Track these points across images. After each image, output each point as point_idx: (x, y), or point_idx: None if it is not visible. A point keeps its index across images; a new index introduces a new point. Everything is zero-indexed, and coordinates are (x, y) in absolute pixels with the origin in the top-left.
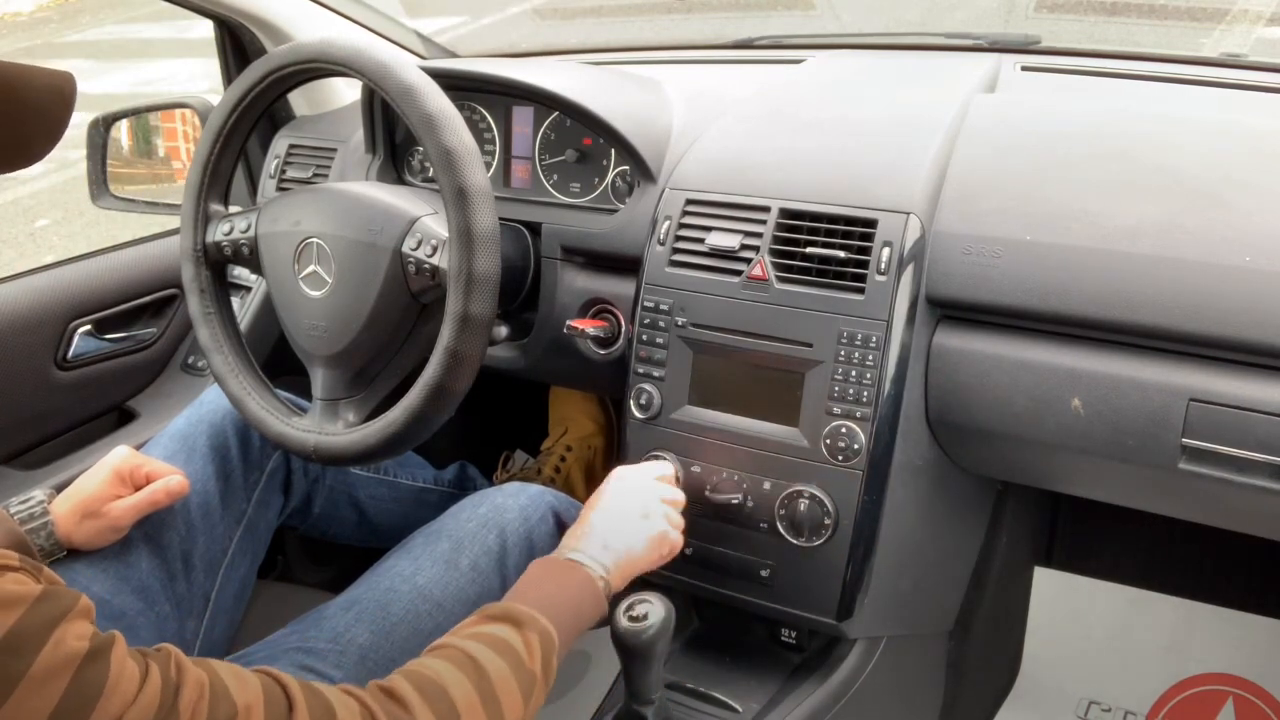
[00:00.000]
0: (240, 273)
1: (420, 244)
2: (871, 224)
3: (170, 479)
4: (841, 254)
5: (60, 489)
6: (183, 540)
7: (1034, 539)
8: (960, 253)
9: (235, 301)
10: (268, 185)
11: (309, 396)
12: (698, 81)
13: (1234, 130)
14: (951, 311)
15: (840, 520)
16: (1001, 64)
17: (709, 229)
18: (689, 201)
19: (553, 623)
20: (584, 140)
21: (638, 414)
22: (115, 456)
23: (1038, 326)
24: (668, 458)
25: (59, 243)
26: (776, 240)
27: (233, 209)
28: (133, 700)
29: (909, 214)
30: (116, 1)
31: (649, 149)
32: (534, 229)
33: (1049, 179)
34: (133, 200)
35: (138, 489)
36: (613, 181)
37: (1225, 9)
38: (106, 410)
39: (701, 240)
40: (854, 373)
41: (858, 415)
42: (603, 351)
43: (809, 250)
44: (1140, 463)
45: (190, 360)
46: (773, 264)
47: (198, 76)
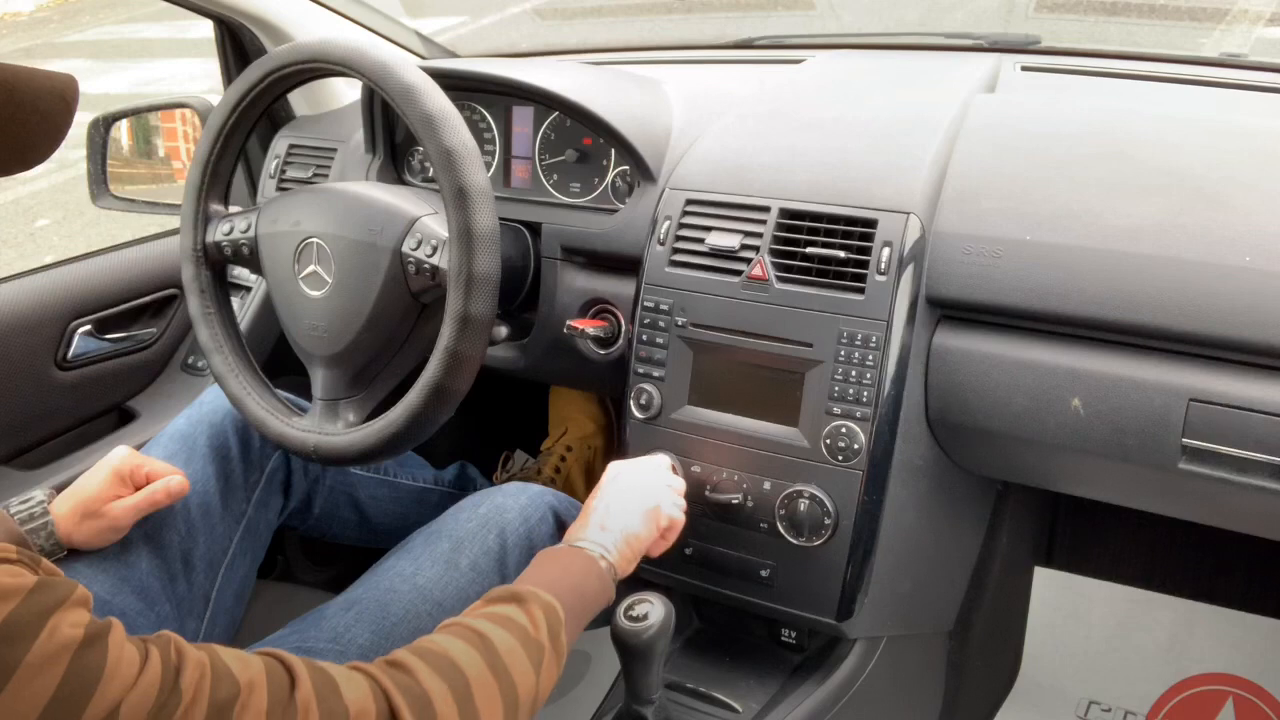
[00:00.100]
0: (240, 273)
1: (420, 244)
2: (871, 224)
3: (170, 479)
4: (841, 254)
5: (60, 489)
6: (183, 540)
7: (1034, 539)
8: (960, 253)
9: (235, 301)
10: (268, 185)
11: (309, 396)
12: (698, 81)
13: (1234, 130)
14: (951, 311)
15: (840, 520)
16: (1001, 64)
17: (709, 229)
18: (689, 201)
19: (556, 598)
20: (584, 140)
21: (638, 414)
22: (115, 456)
23: (1038, 326)
24: (666, 455)
25: (59, 243)
26: (776, 240)
27: (233, 209)
28: (133, 683)
29: (909, 214)
30: (116, 1)
31: (649, 149)
32: (534, 229)
33: (1049, 179)
34: (133, 200)
35: (138, 489)
36: (613, 181)
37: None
38: (106, 410)
39: (701, 240)
40: (854, 373)
41: (858, 415)
42: (603, 351)
43: (809, 250)
44: (1140, 463)
45: (190, 360)
46: (773, 264)
47: (198, 76)
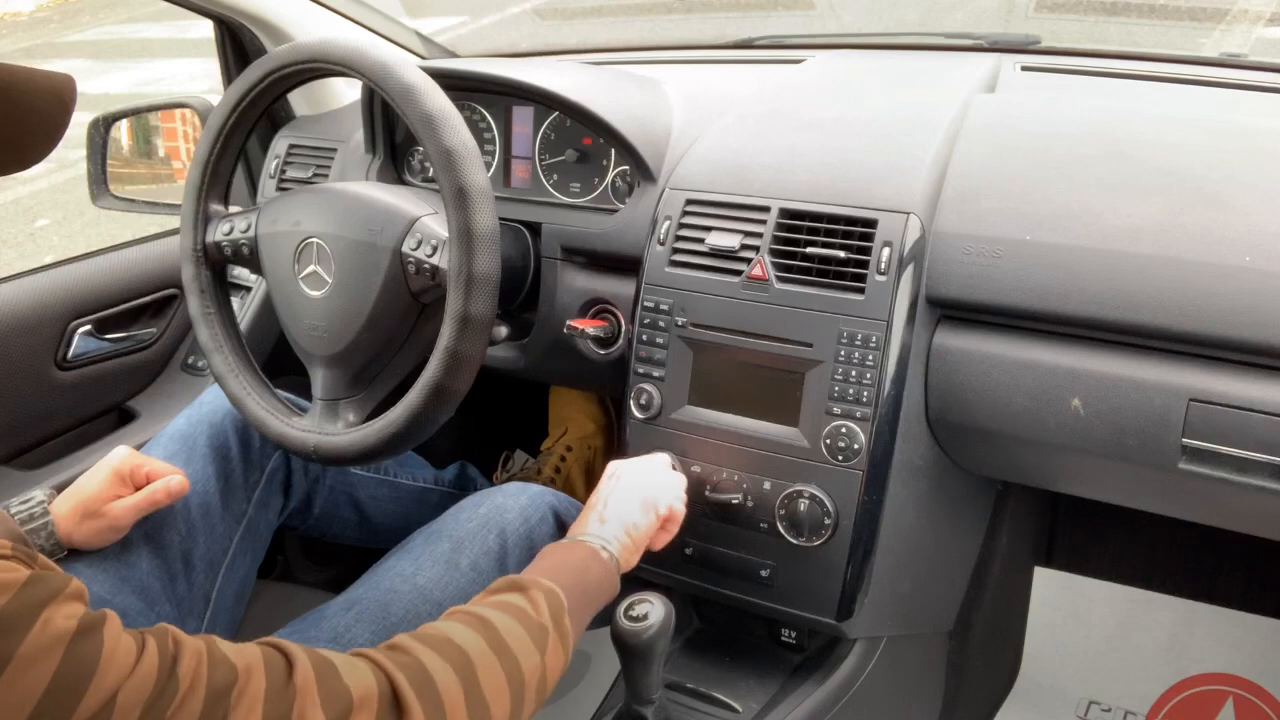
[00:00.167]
0: (240, 273)
1: (420, 244)
2: (871, 224)
3: (170, 479)
4: (841, 254)
5: (60, 489)
6: (183, 540)
7: (1034, 539)
8: (960, 253)
9: (235, 301)
10: (268, 185)
11: (309, 396)
12: (698, 81)
13: (1234, 130)
14: (951, 311)
15: (840, 520)
16: (1001, 64)
17: (709, 229)
18: (689, 201)
19: (556, 584)
20: (584, 140)
21: (638, 414)
22: (115, 456)
23: (1038, 326)
24: (666, 455)
25: (59, 243)
26: (776, 240)
27: (233, 209)
28: (130, 672)
29: (909, 214)
30: (116, 1)
31: (649, 149)
32: (534, 229)
33: (1049, 179)
34: (133, 200)
35: (138, 489)
36: (613, 181)
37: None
38: (106, 410)
39: (701, 240)
40: (854, 373)
41: (858, 415)
42: (603, 351)
43: (809, 250)
44: (1140, 463)
45: (190, 360)
46: (773, 264)
47: (198, 76)
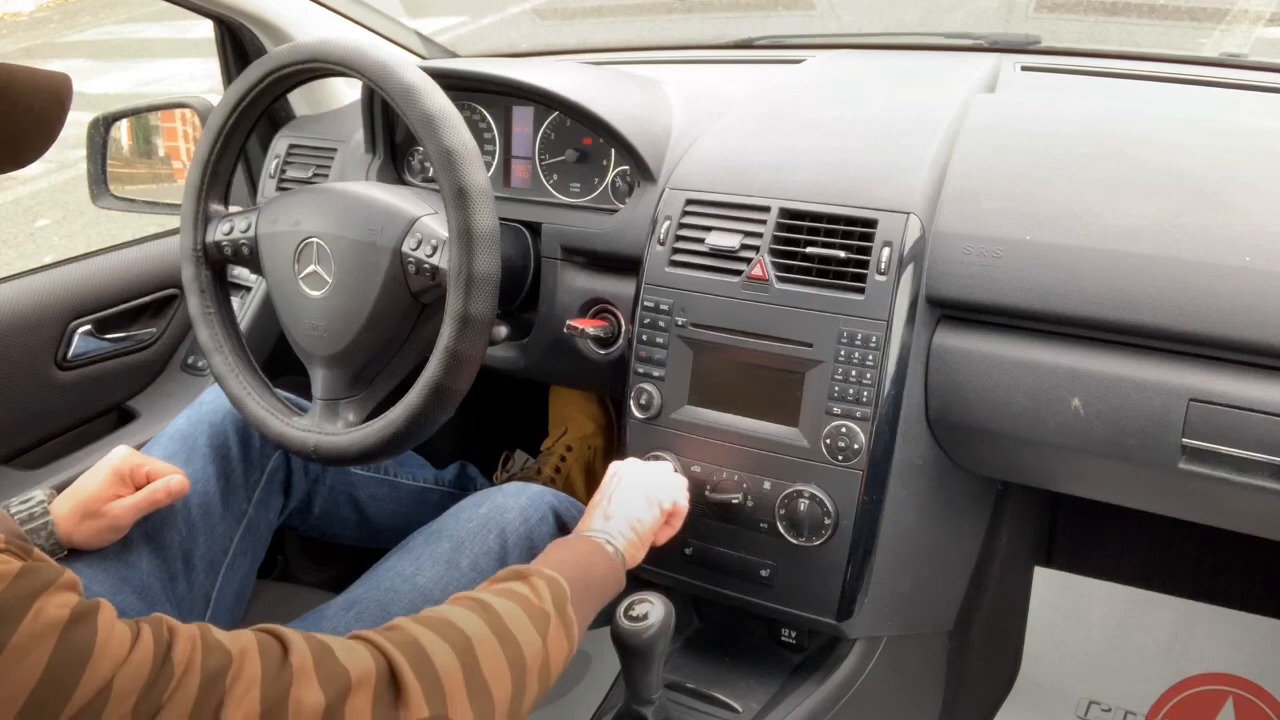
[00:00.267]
0: (240, 273)
1: (420, 244)
2: (871, 224)
3: (170, 478)
4: (841, 254)
5: (60, 489)
6: (183, 540)
7: (1034, 539)
8: (960, 253)
9: (235, 301)
10: (268, 185)
11: (309, 396)
12: (698, 81)
13: (1234, 130)
14: (951, 311)
15: (840, 520)
16: (1001, 64)
17: (709, 229)
18: (689, 201)
19: (559, 573)
20: (584, 140)
21: (638, 414)
22: (115, 456)
23: (1038, 326)
24: (667, 457)
25: (59, 243)
26: (776, 240)
27: (233, 209)
28: (124, 659)
29: (909, 214)
30: (116, 1)
31: (649, 149)
32: (534, 229)
33: (1049, 179)
34: (133, 200)
35: (138, 489)
36: (613, 181)
37: (1225, 9)
38: (106, 410)
39: (701, 240)
40: (854, 373)
41: (858, 415)
42: (603, 351)
43: (809, 250)
44: (1140, 462)
45: (190, 360)
46: (773, 264)
47: (198, 76)
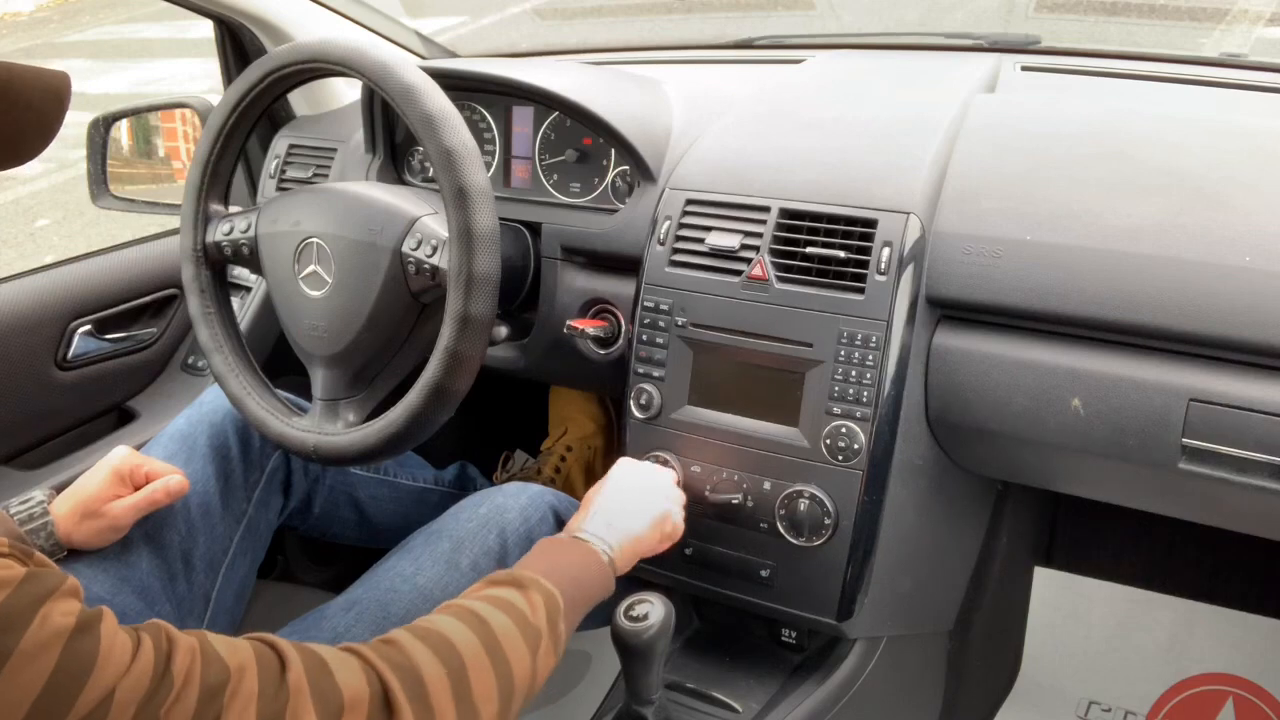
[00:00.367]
0: (240, 273)
1: (420, 244)
2: (871, 224)
3: (170, 478)
4: (841, 254)
5: (60, 489)
6: (183, 540)
7: (1034, 539)
8: (960, 253)
9: (235, 301)
10: (268, 185)
11: (309, 396)
12: (698, 81)
13: (1234, 130)
14: (951, 311)
15: (840, 520)
16: (1001, 64)
17: (709, 229)
18: (689, 201)
19: (556, 586)
20: (584, 140)
21: (638, 414)
22: (115, 456)
23: (1038, 326)
24: (668, 459)
25: (59, 243)
26: (776, 240)
27: (233, 209)
28: (126, 669)
29: (909, 214)
30: (116, 1)
31: (649, 149)
32: (534, 229)
33: (1049, 179)
34: (133, 200)
35: (138, 489)
36: (613, 181)
37: (1225, 9)
38: (106, 410)
39: (701, 240)
40: (854, 373)
41: (858, 415)
42: (603, 351)
43: (809, 250)
44: (1140, 462)
45: (190, 360)
46: (773, 264)
47: (198, 76)
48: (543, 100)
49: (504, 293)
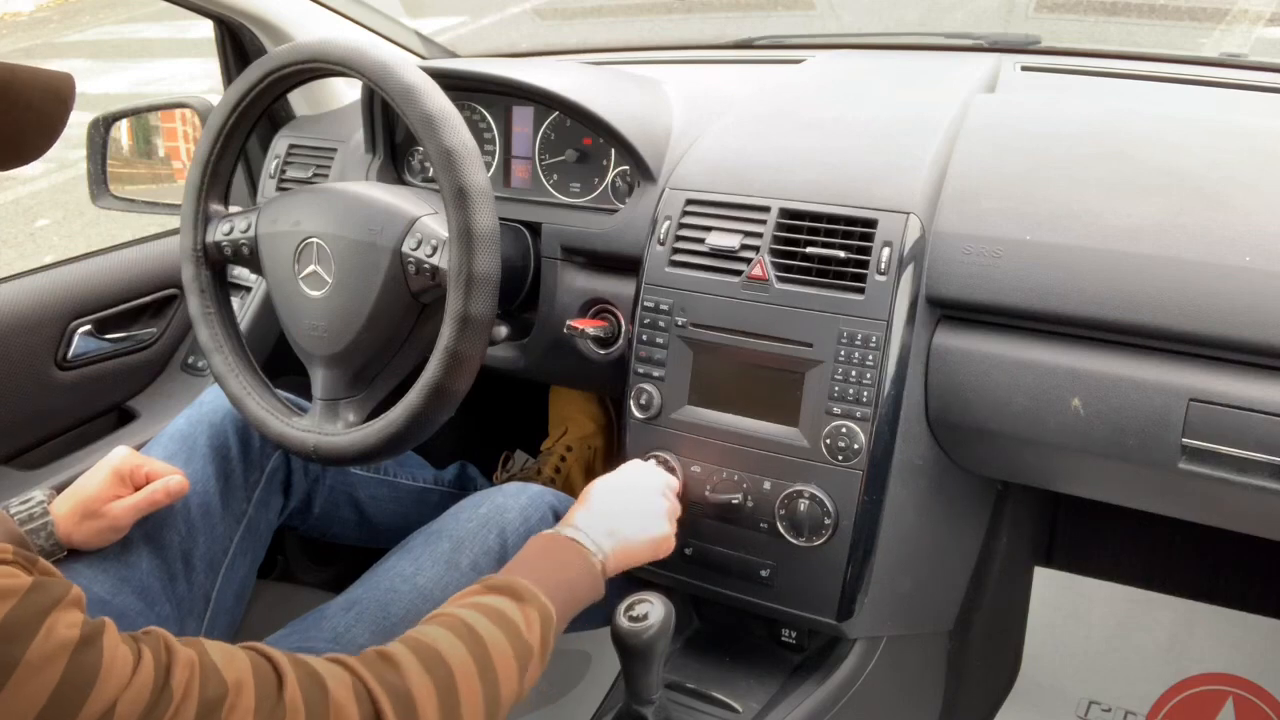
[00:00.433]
0: (240, 273)
1: (420, 244)
2: (871, 224)
3: (170, 479)
4: (841, 254)
5: (60, 489)
6: (183, 540)
7: (1034, 539)
8: (960, 253)
9: (235, 301)
10: (268, 185)
11: (309, 396)
12: (698, 81)
13: (1234, 130)
14: (951, 311)
15: (840, 520)
16: (1001, 64)
17: (709, 229)
18: (689, 201)
19: (552, 600)
20: (584, 140)
21: (638, 414)
22: (115, 456)
23: (1038, 326)
24: (669, 459)
25: (59, 243)
26: (776, 240)
27: (233, 209)
28: (127, 683)
29: (909, 214)
30: (116, 1)
31: (649, 149)
32: (534, 229)
33: (1049, 179)
34: (133, 200)
35: (138, 489)
36: (613, 181)
37: (1225, 9)
38: (106, 410)
39: (701, 240)
40: (854, 373)
41: (858, 415)
42: (603, 351)
43: (809, 250)
44: (1140, 462)
45: (190, 360)
46: (773, 264)
47: (198, 76)
48: (543, 100)
49: (504, 293)
